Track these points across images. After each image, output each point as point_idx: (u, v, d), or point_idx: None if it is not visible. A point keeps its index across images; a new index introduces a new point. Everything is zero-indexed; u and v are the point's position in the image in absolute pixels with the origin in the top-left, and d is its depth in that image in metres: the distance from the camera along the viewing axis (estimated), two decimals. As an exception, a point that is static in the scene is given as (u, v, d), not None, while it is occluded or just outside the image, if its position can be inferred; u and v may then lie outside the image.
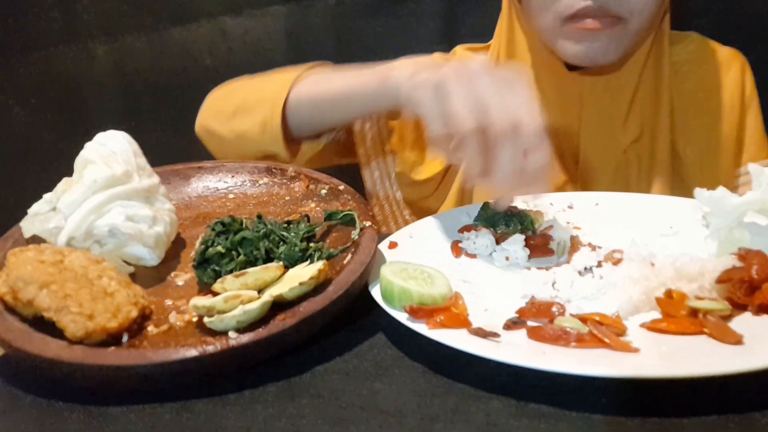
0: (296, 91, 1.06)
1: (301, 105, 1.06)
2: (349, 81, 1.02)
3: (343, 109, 1.05)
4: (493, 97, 0.80)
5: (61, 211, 0.80)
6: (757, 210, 0.80)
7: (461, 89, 0.81)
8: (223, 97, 1.17)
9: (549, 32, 1.09)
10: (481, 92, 0.80)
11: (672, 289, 0.73)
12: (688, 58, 1.20)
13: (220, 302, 0.70)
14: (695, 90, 1.19)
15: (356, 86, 1.01)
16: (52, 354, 0.67)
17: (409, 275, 0.76)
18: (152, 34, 1.54)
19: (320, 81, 1.07)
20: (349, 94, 1.02)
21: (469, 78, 0.82)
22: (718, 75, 1.20)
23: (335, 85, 1.04)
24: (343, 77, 1.04)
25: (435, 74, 0.85)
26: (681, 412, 0.61)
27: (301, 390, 0.68)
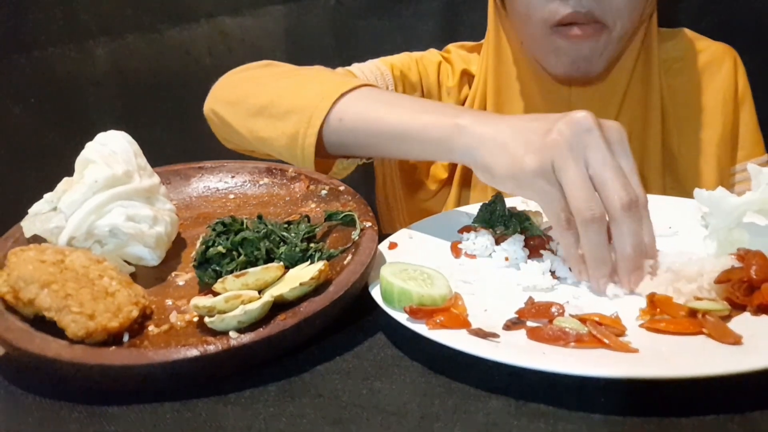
0: (340, 111, 0.92)
1: (344, 130, 0.92)
2: (410, 118, 0.87)
3: (394, 148, 0.90)
4: (609, 169, 0.74)
5: (61, 211, 0.80)
6: (756, 210, 0.80)
7: (578, 156, 0.74)
8: (243, 87, 1.04)
9: (534, 42, 1.08)
10: (595, 166, 0.74)
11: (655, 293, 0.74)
12: (679, 55, 1.19)
13: (220, 302, 0.70)
14: (687, 87, 1.19)
15: (418, 128, 0.86)
16: (53, 354, 0.67)
17: (409, 276, 0.76)
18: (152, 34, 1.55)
19: (373, 107, 0.91)
20: (406, 134, 0.87)
21: (579, 150, 0.74)
22: (710, 72, 1.20)
23: (392, 119, 0.88)
24: (403, 110, 0.89)
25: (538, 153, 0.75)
26: (680, 412, 0.62)
27: (301, 390, 0.68)
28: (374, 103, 0.92)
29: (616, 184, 0.73)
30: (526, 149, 0.76)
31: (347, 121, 0.91)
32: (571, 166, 0.74)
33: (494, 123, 0.81)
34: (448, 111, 0.86)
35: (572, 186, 0.74)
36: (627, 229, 0.74)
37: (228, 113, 1.02)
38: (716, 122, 1.18)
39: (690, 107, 1.18)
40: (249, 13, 1.55)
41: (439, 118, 0.85)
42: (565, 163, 0.74)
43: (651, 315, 0.72)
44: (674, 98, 1.18)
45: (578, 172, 0.74)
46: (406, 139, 0.87)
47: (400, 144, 0.89)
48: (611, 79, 1.14)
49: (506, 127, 0.79)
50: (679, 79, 1.19)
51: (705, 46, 1.21)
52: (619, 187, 0.73)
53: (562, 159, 0.74)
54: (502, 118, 0.82)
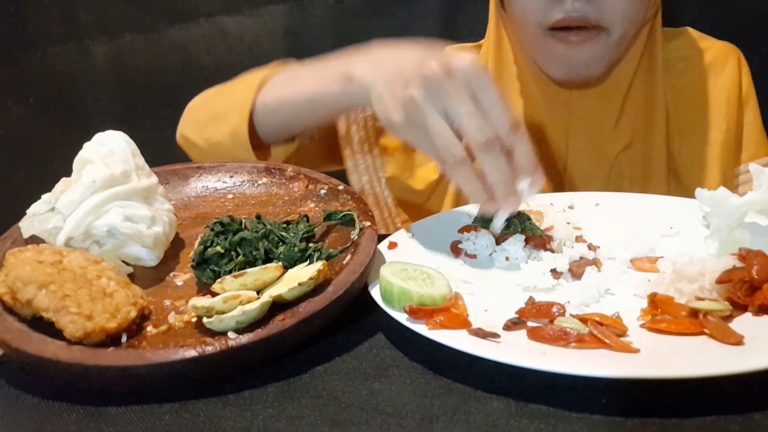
0: (261, 98, 1.04)
1: (267, 112, 1.04)
2: (312, 83, 1.00)
3: (310, 114, 1.03)
4: (464, 114, 0.79)
5: (59, 212, 0.80)
6: (757, 210, 0.80)
7: (431, 109, 0.80)
8: (198, 107, 1.15)
9: (532, 45, 1.08)
10: (451, 113, 0.80)
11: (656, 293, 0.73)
12: (683, 54, 1.18)
13: (219, 303, 0.70)
14: (690, 87, 1.18)
15: (319, 89, 0.99)
16: (51, 354, 0.67)
17: (409, 276, 0.75)
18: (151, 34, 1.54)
19: (284, 84, 1.05)
20: (313, 97, 1.00)
21: (437, 89, 0.80)
22: (714, 71, 1.18)
23: (299, 88, 1.02)
24: (306, 79, 1.02)
25: (400, 85, 0.83)
26: (681, 412, 0.61)
27: (300, 390, 0.68)
28: (286, 81, 1.05)
29: (471, 127, 0.79)
30: (394, 103, 0.84)
31: (268, 105, 1.03)
32: (430, 119, 0.80)
33: (372, 67, 0.91)
34: (340, 62, 0.98)
35: (435, 136, 0.80)
36: (489, 165, 0.80)
37: (190, 132, 1.12)
38: (720, 123, 1.17)
39: (694, 108, 1.17)
40: (248, 12, 1.55)
41: (332, 72, 0.97)
42: (424, 117, 0.80)
43: (652, 315, 0.72)
44: (677, 99, 1.17)
45: (437, 122, 0.80)
46: (314, 101, 1.00)
47: (312, 108, 1.01)
48: (613, 80, 1.13)
49: (381, 76, 0.88)
50: (682, 80, 1.17)
51: (709, 45, 1.19)
52: (475, 131, 0.79)
53: (421, 114, 0.81)
54: (377, 60, 0.92)
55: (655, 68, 1.14)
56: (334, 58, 1.01)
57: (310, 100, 1.00)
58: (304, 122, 1.06)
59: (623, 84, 1.13)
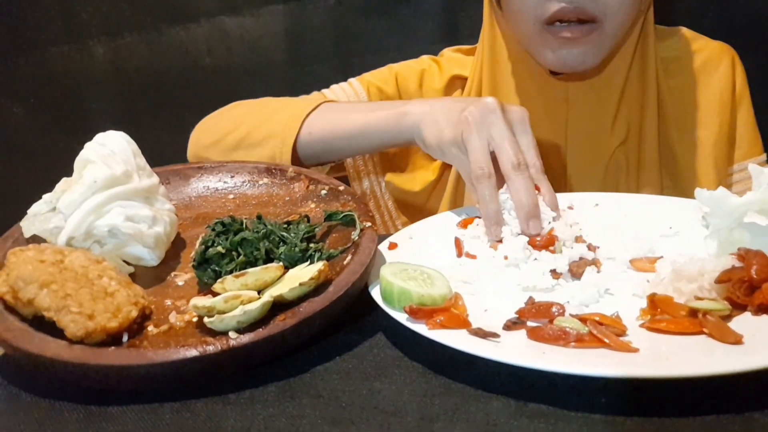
0: (308, 128, 1.06)
1: (313, 142, 1.06)
2: (365, 117, 1.04)
3: (357, 145, 1.06)
4: (505, 140, 0.88)
5: (60, 212, 0.80)
6: (757, 210, 0.80)
7: (479, 130, 0.89)
8: (220, 128, 1.14)
9: (528, 39, 1.09)
10: (495, 138, 0.89)
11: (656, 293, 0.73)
12: (676, 55, 1.19)
13: (220, 302, 0.70)
14: (684, 87, 1.18)
15: (372, 123, 1.03)
16: (52, 354, 0.67)
17: (409, 276, 0.76)
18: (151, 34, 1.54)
19: (334, 117, 1.07)
20: (364, 131, 1.04)
21: (489, 117, 0.90)
22: (706, 72, 1.19)
23: (351, 122, 1.05)
24: (358, 113, 1.06)
25: (456, 113, 0.92)
26: (681, 412, 0.62)
27: (301, 390, 0.68)
28: (335, 114, 1.08)
29: (509, 151, 0.88)
30: (446, 124, 0.93)
31: (315, 134, 1.06)
32: (474, 138, 0.89)
33: (430, 104, 0.99)
34: (396, 104, 1.05)
35: (472, 152, 0.89)
36: (518, 185, 0.87)
37: (210, 153, 1.11)
38: (713, 122, 1.17)
39: (688, 107, 1.18)
40: (249, 12, 1.55)
41: (388, 110, 1.03)
42: (470, 136, 0.90)
43: (652, 315, 0.72)
44: (673, 98, 1.18)
45: (479, 142, 0.89)
46: (365, 133, 1.04)
47: (361, 139, 1.05)
48: (608, 74, 1.14)
49: (439, 107, 0.97)
50: (677, 79, 1.18)
51: (702, 45, 1.20)
52: (511, 153, 0.88)
53: (468, 132, 0.90)
54: (437, 100, 1.01)
55: (647, 65, 1.15)
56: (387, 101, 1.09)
57: (361, 132, 1.04)
58: (350, 152, 1.12)
59: (619, 78, 1.14)
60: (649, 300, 0.73)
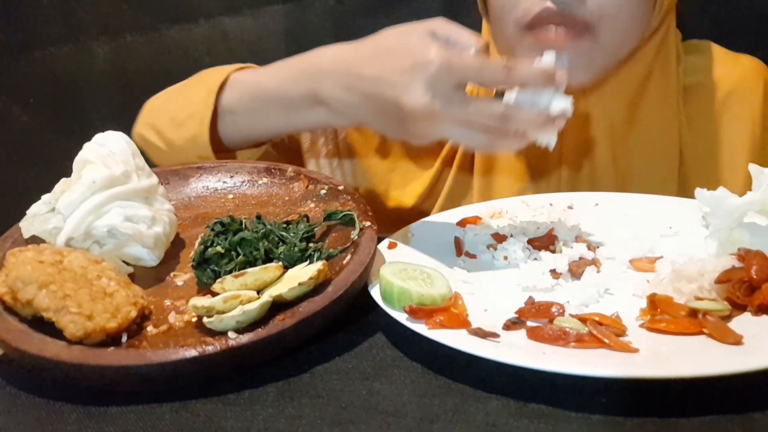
0: (225, 106, 0.97)
1: (233, 121, 0.98)
2: (283, 103, 0.92)
3: (285, 131, 0.98)
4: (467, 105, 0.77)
5: (59, 212, 0.80)
6: (757, 210, 0.80)
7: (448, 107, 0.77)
8: (157, 108, 1.08)
9: (510, 49, 0.97)
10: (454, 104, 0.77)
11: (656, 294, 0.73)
12: (699, 80, 1.03)
13: (219, 302, 0.70)
14: (708, 120, 1.01)
15: (291, 112, 0.92)
16: (52, 354, 0.67)
17: (409, 275, 0.76)
18: (151, 34, 1.54)
19: (249, 97, 0.97)
20: (287, 122, 0.94)
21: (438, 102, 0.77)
22: (737, 100, 1.02)
23: (268, 110, 0.94)
24: (274, 99, 0.94)
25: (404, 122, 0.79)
26: (681, 412, 0.61)
27: (300, 390, 0.68)
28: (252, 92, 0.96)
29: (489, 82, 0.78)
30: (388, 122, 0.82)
31: (236, 112, 0.96)
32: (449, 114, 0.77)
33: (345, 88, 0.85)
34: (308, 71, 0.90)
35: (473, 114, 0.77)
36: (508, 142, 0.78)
37: (149, 134, 1.05)
38: (741, 162, 0.99)
39: (711, 144, 1.01)
40: (248, 12, 1.55)
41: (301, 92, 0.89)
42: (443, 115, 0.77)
43: (651, 315, 0.72)
44: (693, 134, 1.01)
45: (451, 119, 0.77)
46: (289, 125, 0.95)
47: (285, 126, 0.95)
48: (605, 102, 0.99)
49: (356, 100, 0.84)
50: (698, 109, 1.02)
51: (731, 66, 1.03)
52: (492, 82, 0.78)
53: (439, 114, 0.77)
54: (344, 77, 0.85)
55: (667, 94, 1.00)
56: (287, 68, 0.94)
57: (285, 124, 0.95)
58: (273, 134, 1.01)
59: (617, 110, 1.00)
60: (649, 300, 0.73)
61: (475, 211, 0.93)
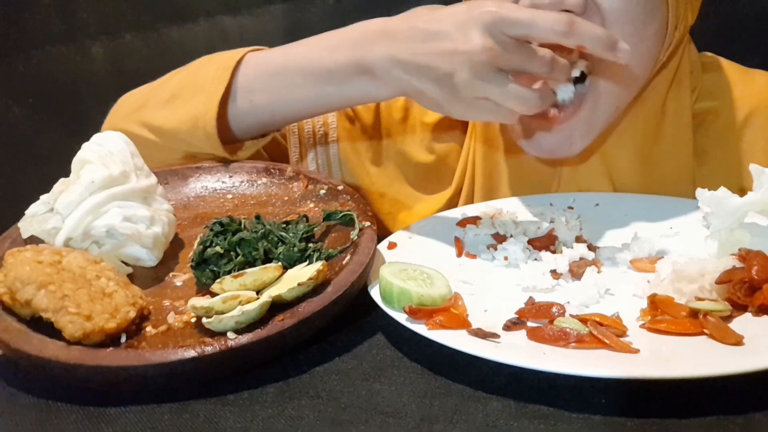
0: (243, 86, 0.90)
1: (250, 105, 0.90)
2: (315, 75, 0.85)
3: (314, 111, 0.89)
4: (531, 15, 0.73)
5: (58, 212, 0.80)
6: (758, 211, 0.80)
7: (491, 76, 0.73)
8: (148, 91, 0.99)
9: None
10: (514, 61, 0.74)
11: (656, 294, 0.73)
12: (712, 105, 0.95)
13: (218, 303, 0.70)
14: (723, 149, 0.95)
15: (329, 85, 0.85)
16: (50, 354, 0.67)
17: (409, 276, 0.75)
18: (150, 34, 1.54)
19: (273, 75, 0.89)
20: (321, 94, 0.86)
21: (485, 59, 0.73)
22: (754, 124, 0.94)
23: (299, 82, 0.86)
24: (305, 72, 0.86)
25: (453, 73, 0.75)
26: (681, 412, 0.61)
27: (300, 391, 0.68)
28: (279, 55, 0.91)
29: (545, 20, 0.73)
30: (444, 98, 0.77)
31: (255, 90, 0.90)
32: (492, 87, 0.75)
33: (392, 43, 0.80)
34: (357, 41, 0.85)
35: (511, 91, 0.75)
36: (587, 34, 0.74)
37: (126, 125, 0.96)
38: None
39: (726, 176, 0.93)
40: (248, 12, 1.55)
41: (344, 61, 0.84)
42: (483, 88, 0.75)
43: (652, 315, 0.72)
44: (705, 165, 0.95)
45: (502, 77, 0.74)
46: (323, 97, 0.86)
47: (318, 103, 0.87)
48: (615, 149, 0.92)
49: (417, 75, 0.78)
50: (711, 139, 0.94)
51: (746, 87, 0.95)
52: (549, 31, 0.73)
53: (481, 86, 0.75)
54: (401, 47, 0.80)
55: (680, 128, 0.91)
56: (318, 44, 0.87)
57: (317, 98, 0.86)
58: (294, 121, 0.94)
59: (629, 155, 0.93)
60: (650, 300, 0.73)
61: (475, 211, 0.93)
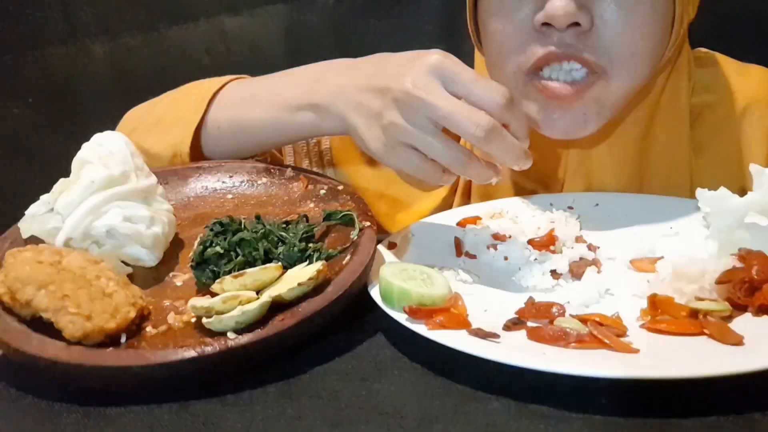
0: (213, 115, 0.95)
1: (218, 132, 0.95)
2: (272, 108, 0.90)
3: (267, 140, 0.94)
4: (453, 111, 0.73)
5: (58, 212, 0.80)
6: (758, 211, 0.80)
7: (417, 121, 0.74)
8: (142, 112, 1.05)
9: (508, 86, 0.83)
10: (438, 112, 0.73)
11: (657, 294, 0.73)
12: (710, 99, 0.97)
13: (218, 303, 0.70)
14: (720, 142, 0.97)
15: (282, 116, 0.89)
16: (50, 355, 0.67)
17: (409, 276, 0.75)
18: (150, 34, 1.54)
19: (240, 103, 0.94)
20: (274, 124, 0.91)
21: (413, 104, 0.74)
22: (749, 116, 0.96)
23: (257, 112, 0.92)
24: (265, 100, 0.91)
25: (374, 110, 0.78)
26: (681, 412, 0.61)
27: (300, 391, 0.68)
28: (242, 102, 0.94)
29: (464, 122, 0.73)
30: (370, 132, 0.79)
31: (221, 124, 0.95)
32: (415, 131, 0.74)
33: (343, 95, 0.83)
34: (311, 86, 0.87)
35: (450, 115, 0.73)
36: (499, 151, 0.74)
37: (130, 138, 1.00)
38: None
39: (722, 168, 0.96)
40: (248, 12, 1.55)
41: (302, 98, 0.87)
42: (408, 134, 0.75)
43: (652, 315, 0.72)
44: (703, 157, 0.97)
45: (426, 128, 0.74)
46: (276, 129, 0.91)
47: (273, 135, 0.93)
48: (621, 138, 0.93)
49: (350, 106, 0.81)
50: (709, 132, 0.96)
51: (742, 80, 0.97)
52: (469, 124, 0.72)
53: (404, 132, 0.75)
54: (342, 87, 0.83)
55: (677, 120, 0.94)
56: (288, 76, 0.92)
57: (272, 127, 0.91)
58: (265, 145, 0.98)
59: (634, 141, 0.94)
60: (650, 300, 0.73)
61: (475, 211, 0.93)
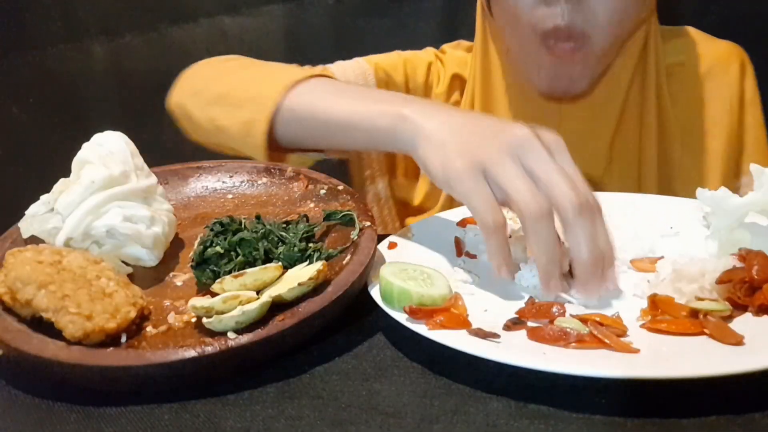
0: (291, 101, 0.93)
1: (294, 119, 0.93)
2: (354, 106, 0.87)
3: (343, 139, 0.91)
4: (554, 176, 0.71)
5: (58, 212, 0.80)
6: (758, 210, 0.80)
7: (511, 169, 0.71)
8: (205, 76, 1.06)
9: (522, 50, 1.04)
10: (537, 168, 0.71)
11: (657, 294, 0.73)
12: (681, 59, 1.13)
13: (218, 303, 0.70)
14: (690, 95, 1.12)
15: (361, 117, 0.86)
16: (51, 354, 0.67)
17: (409, 276, 0.75)
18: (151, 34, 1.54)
19: (322, 96, 0.92)
20: (350, 124, 0.87)
21: (519, 149, 0.72)
22: (714, 77, 1.13)
23: (337, 108, 0.89)
24: (348, 99, 0.89)
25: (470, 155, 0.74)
26: (681, 412, 0.61)
27: (300, 391, 0.68)
28: (324, 94, 0.92)
29: (564, 185, 0.70)
30: (459, 151, 0.75)
31: (298, 113, 0.92)
32: (507, 164, 0.71)
33: (438, 118, 0.79)
34: (395, 100, 0.85)
35: (513, 181, 0.71)
36: (582, 232, 0.70)
37: (190, 103, 1.04)
38: (721, 132, 1.11)
39: (693, 117, 1.12)
40: (248, 12, 1.55)
41: (385, 106, 0.84)
42: (500, 162, 0.72)
43: (652, 315, 0.72)
44: (676, 108, 1.11)
45: (516, 169, 0.71)
46: (351, 128, 0.87)
47: (346, 133, 0.88)
48: (604, 93, 1.08)
49: (448, 126, 0.78)
50: (681, 86, 1.12)
51: (709, 47, 1.14)
52: (568, 188, 0.70)
53: (496, 158, 0.72)
54: (448, 113, 0.81)
55: (649, 78, 1.09)
56: (379, 90, 0.96)
57: (347, 125, 0.88)
58: (334, 144, 0.95)
59: (617, 97, 1.08)
60: (650, 300, 0.73)
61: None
